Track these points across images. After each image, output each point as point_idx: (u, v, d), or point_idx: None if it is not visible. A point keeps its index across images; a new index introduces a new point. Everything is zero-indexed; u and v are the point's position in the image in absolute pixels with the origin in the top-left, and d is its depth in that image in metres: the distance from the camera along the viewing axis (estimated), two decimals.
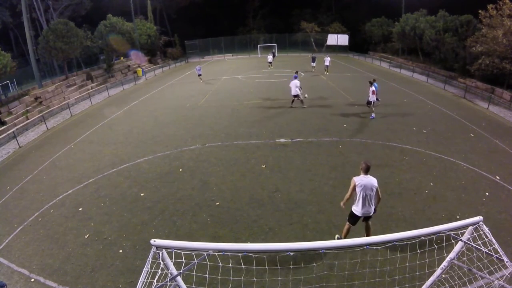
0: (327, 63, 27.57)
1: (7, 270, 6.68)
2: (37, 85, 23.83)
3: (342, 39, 43.89)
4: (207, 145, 12.70)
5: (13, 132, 15.64)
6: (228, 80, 27.04)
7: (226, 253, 2.60)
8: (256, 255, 2.71)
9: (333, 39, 44.41)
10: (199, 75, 26.82)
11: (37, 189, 10.25)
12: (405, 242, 2.91)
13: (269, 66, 32.25)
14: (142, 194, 9.28)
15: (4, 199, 9.76)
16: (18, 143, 14.84)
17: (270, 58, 32.53)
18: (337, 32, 44.57)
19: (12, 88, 23.55)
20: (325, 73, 27.61)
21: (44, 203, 9.21)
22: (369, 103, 15.16)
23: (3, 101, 20.13)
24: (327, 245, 2.73)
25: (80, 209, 8.80)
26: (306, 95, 17.45)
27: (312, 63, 29.71)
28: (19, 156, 13.64)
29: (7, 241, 7.70)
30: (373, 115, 15.04)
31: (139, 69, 33.51)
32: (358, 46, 42.24)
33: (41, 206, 9.09)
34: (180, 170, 10.71)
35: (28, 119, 18.33)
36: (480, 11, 19.67)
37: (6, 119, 17.71)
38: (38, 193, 9.92)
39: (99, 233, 7.68)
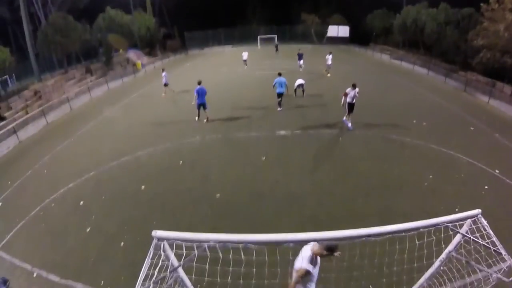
0: (329, 62, 23.07)
1: (10, 265, 6.71)
2: (36, 79, 23.75)
3: (343, 31, 43.43)
4: (207, 137, 12.70)
5: (13, 127, 15.60)
6: (228, 72, 26.91)
7: (226, 244, 2.63)
8: (256, 246, 2.74)
9: (333, 30, 43.95)
10: (165, 84, 19.57)
11: (38, 183, 10.28)
12: (404, 234, 2.94)
13: (244, 64, 28.38)
14: (142, 187, 9.31)
15: (5, 194, 9.78)
16: (18, 138, 14.82)
17: (245, 56, 28.51)
18: (338, 24, 44.16)
19: (11, 83, 23.49)
20: (328, 75, 23.45)
21: (45, 198, 9.23)
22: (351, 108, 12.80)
23: (2, 96, 20.12)
24: (326, 236, 2.75)
25: (81, 203, 8.83)
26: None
27: (298, 61, 24.76)
28: (19, 151, 13.64)
29: (9, 236, 7.74)
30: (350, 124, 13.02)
31: (138, 61, 33.32)
32: (359, 38, 41.87)
33: (42, 200, 9.11)
34: (181, 163, 10.73)
35: (28, 114, 18.29)
36: (482, 4, 19.50)
37: (5, 114, 17.68)
38: (39, 188, 9.95)
39: (100, 226, 7.73)
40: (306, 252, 3.71)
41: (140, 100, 20.22)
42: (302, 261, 3.61)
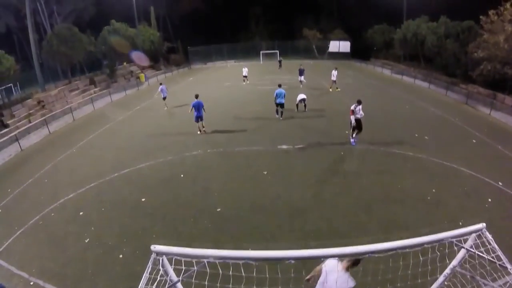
0: (334, 78, 22.55)
1: (7, 273, 6.66)
2: (40, 88, 23.96)
3: (343, 46, 43.95)
4: (208, 151, 12.68)
5: (15, 135, 15.67)
6: (230, 87, 27.07)
7: (226, 260, 2.58)
8: (257, 263, 2.68)
9: (335, 45, 44.47)
10: (164, 97, 19.90)
11: (38, 192, 10.25)
12: (407, 250, 2.88)
13: (244, 80, 27.90)
14: (143, 199, 9.26)
15: (5, 202, 9.75)
16: (20, 146, 14.87)
17: (245, 71, 28.00)
18: (339, 39, 44.68)
19: (15, 91, 23.73)
20: (330, 89, 23.21)
21: (45, 207, 9.19)
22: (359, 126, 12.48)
23: (6, 104, 20.26)
24: (329, 253, 2.70)
25: (81, 213, 8.78)
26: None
27: (299, 77, 24.45)
28: (20, 159, 13.66)
29: (7, 243, 7.69)
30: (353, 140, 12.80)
31: (142, 74, 33.63)
32: (360, 52, 42.30)
33: (42, 209, 9.07)
34: (182, 176, 10.69)
35: (31, 123, 18.39)
36: (481, 16, 19.73)
37: (8, 122, 17.80)
38: (39, 197, 9.91)
39: (100, 237, 7.65)
40: (339, 270, 3.65)
41: (142, 112, 20.28)
42: (349, 282, 3.65)
